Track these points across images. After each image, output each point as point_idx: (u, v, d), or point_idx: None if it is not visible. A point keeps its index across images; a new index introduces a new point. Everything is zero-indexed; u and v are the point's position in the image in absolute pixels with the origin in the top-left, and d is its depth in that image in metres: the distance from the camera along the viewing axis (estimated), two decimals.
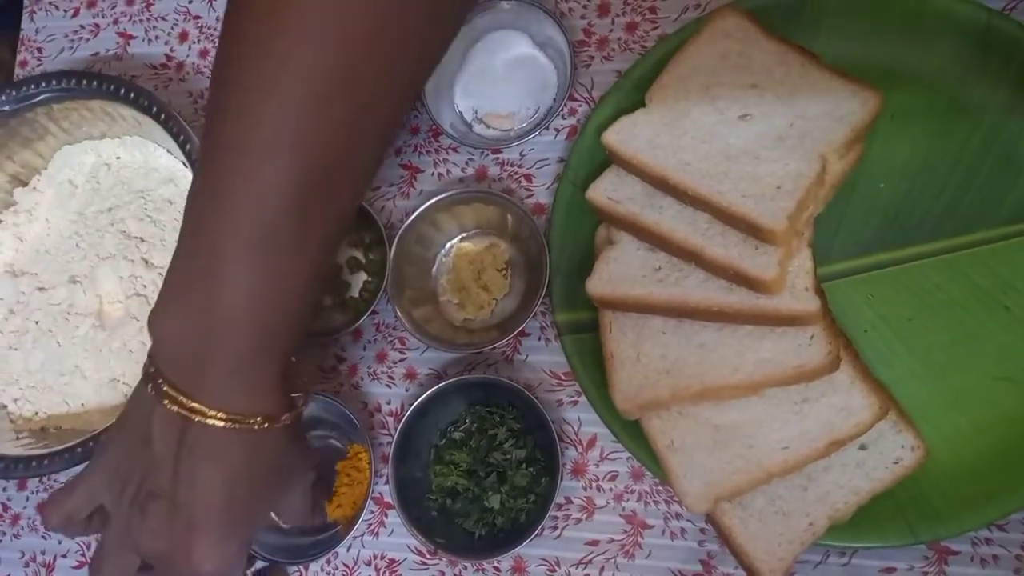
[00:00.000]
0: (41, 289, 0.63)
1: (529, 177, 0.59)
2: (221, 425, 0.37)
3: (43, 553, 0.61)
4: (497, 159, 0.59)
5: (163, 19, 0.69)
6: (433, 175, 0.60)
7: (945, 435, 0.48)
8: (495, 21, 0.59)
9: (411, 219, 0.55)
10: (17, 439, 0.59)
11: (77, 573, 0.61)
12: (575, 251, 0.54)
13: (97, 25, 0.70)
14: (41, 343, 0.61)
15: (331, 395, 0.55)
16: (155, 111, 0.59)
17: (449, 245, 0.59)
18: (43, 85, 0.61)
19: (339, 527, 0.55)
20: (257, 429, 0.38)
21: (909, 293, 0.50)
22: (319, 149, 0.34)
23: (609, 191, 0.51)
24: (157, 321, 0.38)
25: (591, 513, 0.53)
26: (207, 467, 0.38)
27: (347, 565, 0.56)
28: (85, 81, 0.61)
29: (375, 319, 0.59)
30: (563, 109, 0.58)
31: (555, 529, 0.53)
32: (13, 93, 0.62)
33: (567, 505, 0.54)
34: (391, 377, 0.58)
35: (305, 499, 0.44)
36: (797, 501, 0.47)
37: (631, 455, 0.51)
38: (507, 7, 0.58)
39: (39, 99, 0.62)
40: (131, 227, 0.62)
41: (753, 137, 0.48)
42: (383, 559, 0.56)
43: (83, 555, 0.61)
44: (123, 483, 0.41)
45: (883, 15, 0.51)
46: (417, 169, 0.61)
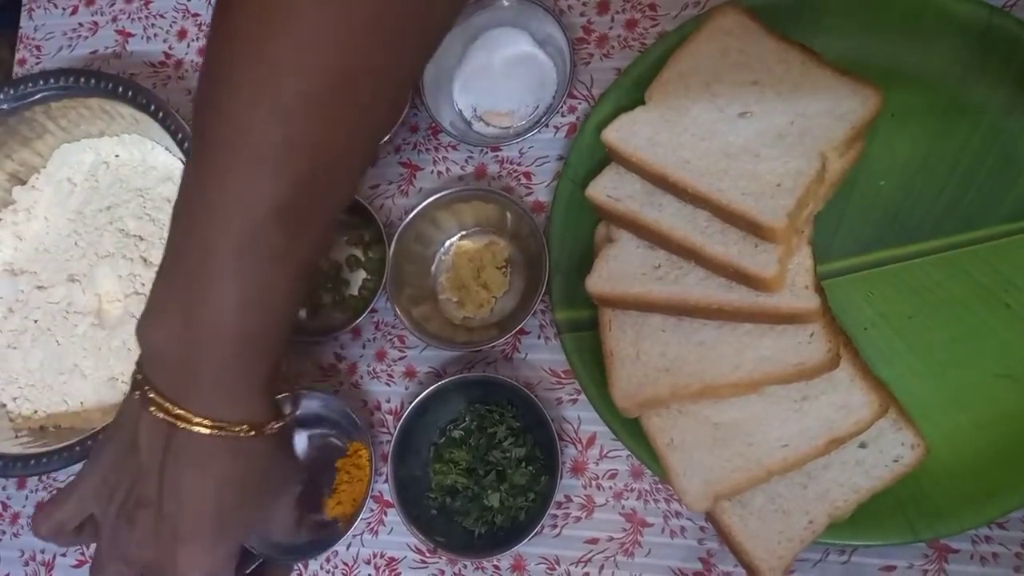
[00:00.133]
0: (40, 288, 0.62)
1: (528, 175, 0.59)
2: (206, 432, 0.37)
3: (42, 552, 0.61)
4: (496, 157, 0.59)
5: (161, 17, 0.69)
6: (432, 173, 0.60)
7: (945, 433, 0.48)
8: (494, 18, 0.59)
9: (410, 217, 0.55)
10: (16, 438, 0.59)
11: (77, 572, 0.61)
12: (575, 249, 0.54)
13: (96, 23, 0.70)
14: (40, 342, 0.61)
15: (331, 392, 0.55)
16: (153, 109, 0.59)
17: (448, 243, 0.59)
18: (41, 83, 0.61)
19: (339, 524, 0.55)
20: (243, 437, 0.38)
21: (909, 291, 0.50)
22: (308, 154, 0.34)
23: (609, 189, 0.51)
24: (144, 329, 0.38)
25: (591, 511, 0.53)
26: (192, 475, 0.38)
27: (347, 564, 0.56)
28: (83, 79, 0.61)
29: (374, 317, 0.59)
30: (563, 107, 0.58)
31: (555, 527, 0.53)
32: (11, 91, 0.61)
33: (567, 503, 0.54)
34: (390, 375, 0.58)
35: (291, 512, 0.44)
36: (797, 499, 0.47)
37: (631, 453, 0.51)
38: (507, 4, 0.58)
39: (37, 97, 0.61)
40: (130, 225, 0.62)
41: (753, 135, 0.48)
42: (383, 557, 0.56)
43: (83, 554, 0.61)
44: (111, 492, 0.40)
45: (884, 13, 0.51)
46: (416, 167, 0.61)
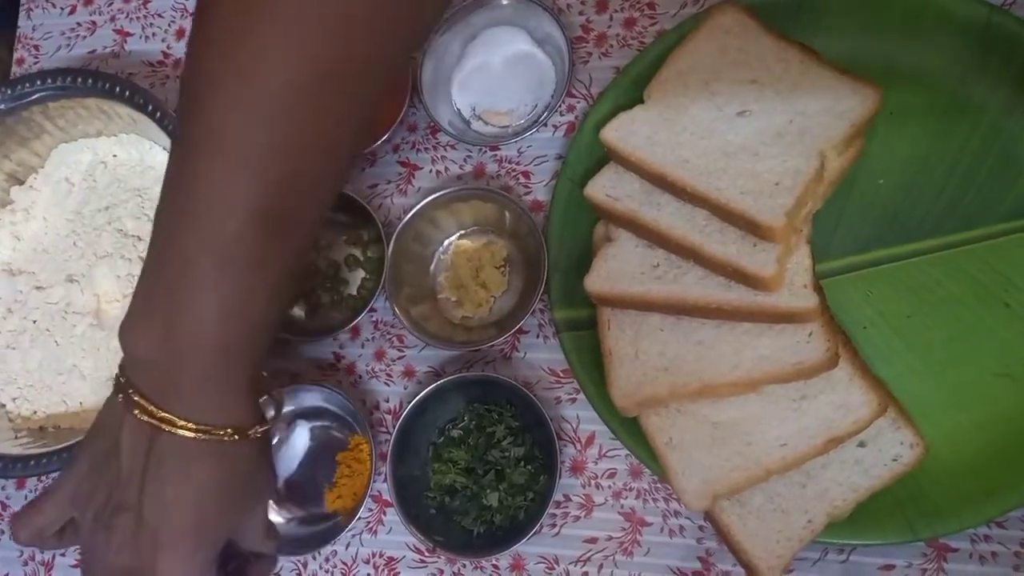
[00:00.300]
0: (39, 288, 0.62)
1: (527, 174, 0.58)
2: (191, 436, 0.37)
3: (42, 552, 0.61)
4: (495, 156, 0.59)
5: (160, 16, 0.69)
6: (431, 172, 0.60)
7: (945, 432, 0.48)
8: (493, 17, 0.59)
9: (409, 216, 0.55)
10: (16, 438, 0.59)
11: (76, 572, 0.61)
12: (573, 248, 0.54)
13: (94, 22, 0.70)
14: (39, 342, 0.61)
15: (332, 386, 0.55)
16: (151, 109, 0.59)
17: (447, 242, 0.59)
18: (39, 83, 0.61)
19: (339, 518, 0.55)
20: (227, 440, 0.38)
21: (908, 290, 0.50)
22: (286, 158, 0.34)
23: (607, 188, 0.51)
24: (127, 334, 0.38)
25: (590, 511, 0.53)
26: (175, 480, 0.38)
27: (346, 563, 0.56)
28: (80, 79, 0.60)
29: (373, 317, 0.59)
30: (561, 106, 0.58)
31: (554, 527, 0.53)
32: (9, 91, 0.61)
33: (566, 503, 0.54)
34: (389, 375, 0.58)
35: (263, 520, 0.44)
36: (796, 498, 0.47)
37: (630, 452, 0.51)
38: (505, 3, 0.58)
39: (35, 97, 0.61)
40: (128, 225, 0.62)
41: (752, 133, 0.48)
42: (381, 557, 0.56)
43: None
44: (89, 496, 0.40)
45: (883, 12, 0.51)
46: (415, 166, 0.61)
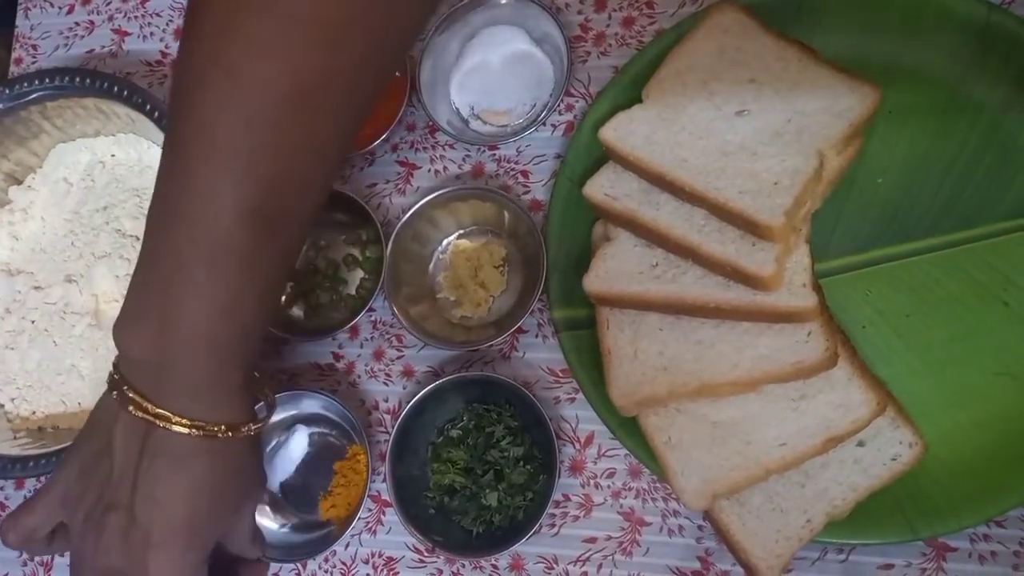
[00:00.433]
0: (37, 288, 0.62)
1: (526, 173, 0.58)
2: (184, 432, 0.37)
3: (39, 557, 0.61)
4: (494, 155, 0.59)
5: (158, 15, 0.69)
6: (430, 172, 0.60)
7: (944, 431, 0.48)
8: (492, 17, 0.58)
9: (408, 216, 0.55)
10: (15, 439, 0.59)
11: None
12: (572, 248, 0.54)
13: (92, 22, 0.70)
14: (37, 342, 0.61)
15: (330, 394, 0.55)
16: (149, 108, 0.59)
17: (446, 242, 0.59)
18: (36, 83, 0.61)
19: (333, 528, 0.54)
20: (220, 437, 0.38)
21: (907, 289, 0.50)
22: (275, 162, 0.34)
23: (606, 187, 0.51)
24: (120, 332, 0.38)
25: (589, 510, 0.53)
26: (167, 478, 0.38)
27: (345, 563, 0.56)
28: (78, 78, 0.60)
29: (372, 316, 0.59)
30: (560, 105, 0.58)
31: (553, 527, 0.53)
32: (7, 91, 0.61)
33: (565, 502, 0.53)
34: (388, 375, 0.58)
35: (251, 524, 0.44)
36: (795, 498, 0.47)
37: (629, 452, 0.51)
38: (504, 2, 0.57)
39: (33, 97, 0.61)
40: (126, 225, 0.62)
41: (750, 133, 0.48)
42: (381, 557, 0.56)
43: None
44: (81, 496, 0.40)
45: (883, 11, 0.51)
46: (414, 166, 0.61)
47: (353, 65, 0.34)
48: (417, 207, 0.55)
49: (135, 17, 0.69)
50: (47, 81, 0.61)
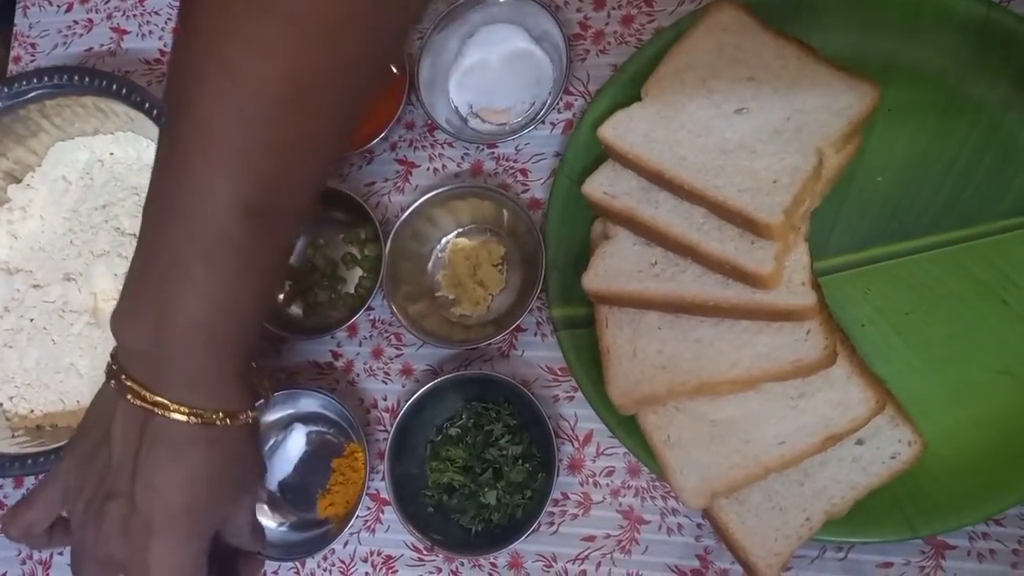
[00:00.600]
0: (36, 287, 0.62)
1: (525, 172, 0.58)
2: (183, 419, 0.37)
3: (40, 551, 0.61)
4: (493, 154, 0.59)
5: (156, 14, 0.68)
6: (428, 170, 0.60)
7: (943, 429, 0.48)
8: (491, 15, 0.58)
9: (406, 214, 0.55)
10: (13, 437, 0.59)
11: None
12: (571, 246, 0.54)
13: (91, 20, 0.70)
14: (36, 341, 0.61)
15: (329, 392, 0.55)
16: (147, 107, 0.59)
17: (445, 241, 0.59)
18: (35, 81, 0.61)
19: (331, 526, 0.54)
20: (219, 425, 0.38)
21: (907, 287, 0.50)
22: (272, 158, 0.34)
23: (605, 186, 0.51)
24: (118, 324, 0.38)
25: (588, 509, 0.53)
26: (167, 464, 0.38)
27: (344, 561, 0.56)
28: (77, 77, 0.60)
29: (371, 315, 0.59)
30: (559, 103, 0.57)
31: (552, 525, 0.53)
32: (6, 89, 0.61)
33: (564, 501, 0.53)
34: (387, 373, 0.58)
35: (249, 515, 0.44)
36: (794, 496, 0.47)
37: (628, 451, 0.51)
38: (503, 1, 0.57)
39: (32, 95, 0.61)
40: (125, 224, 0.62)
41: (749, 131, 0.47)
42: (379, 555, 0.56)
43: None
44: (81, 488, 0.40)
45: (882, 9, 0.51)
46: (412, 164, 0.61)
47: (350, 63, 0.34)
48: (416, 205, 0.55)
49: (134, 15, 0.69)
50: (46, 79, 0.61)
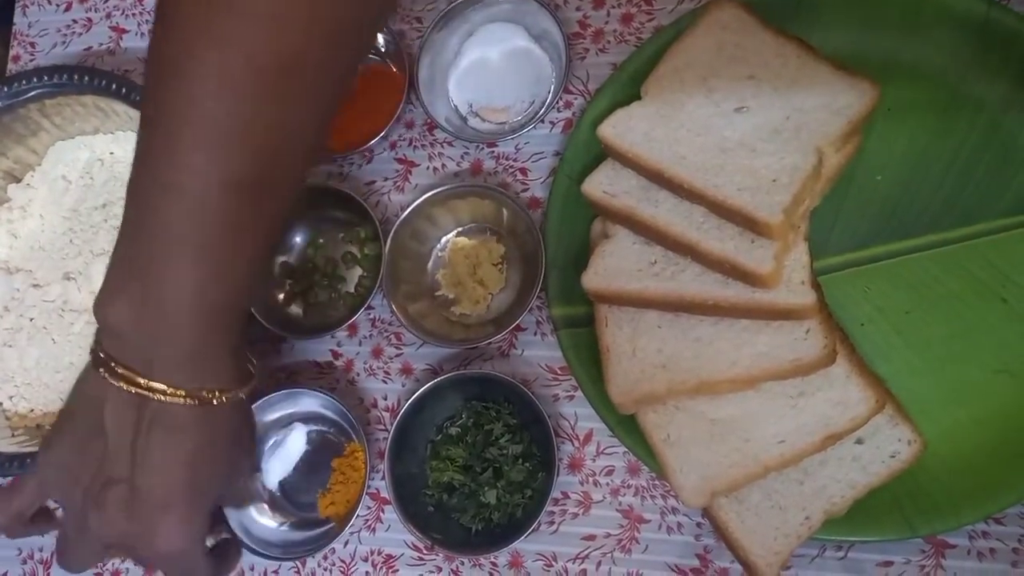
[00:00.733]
0: (36, 286, 0.62)
1: (524, 171, 0.58)
2: (180, 402, 0.38)
3: (40, 550, 0.61)
4: (492, 153, 0.59)
5: None
6: (428, 169, 0.60)
7: (944, 428, 0.48)
8: (490, 14, 0.58)
9: (406, 214, 0.55)
10: (12, 436, 0.59)
11: None
12: (571, 245, 0.54)
13: (90, 19, 0.70)
14: (36, 340, 0.61)
15: (329, 392, 0.55)
16: None
17: (445, 240, 0.59)
18: (35, 80, 0.61)
19: (332, 525, 0.54)
20: (216, 404, 0.39)
21: (907, 286, 0.50)
22: (260, 128, 0.34)
23: (605, 185, 0.51)
24: (103, 308, 0.38)
25: (588, 508, 0.53)
26: (165, 446, 0.38)
27: (344, 561, 0.56)
28: (77, 76, 0.60)
29: (371, 314, 0.59)
30: (558, 102, 0.57)
31: (552, 524, 0.53)
32: (5, 89, 0.61)
33: (564, 500, 0.53)
34: (387, 373, 0.58)
35: (248, 483, 0.45)
36: (793, 495, 0.47)
37: (627, 450, 0.51)
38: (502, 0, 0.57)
39: (31, 95, 0.61)
40: None
41: (749, 130, 0.47)
42: (380, 555, 0.56)
43: None
44: (76, 476, 0.40)
45: (882, 8, 0.51)
46: (412, 163, 0.61)
47: (338, 37, 0.34)
48: (415, 205, 0.55)
49: (133, 14, 0.69)
50: (45, 79, 0.61)
